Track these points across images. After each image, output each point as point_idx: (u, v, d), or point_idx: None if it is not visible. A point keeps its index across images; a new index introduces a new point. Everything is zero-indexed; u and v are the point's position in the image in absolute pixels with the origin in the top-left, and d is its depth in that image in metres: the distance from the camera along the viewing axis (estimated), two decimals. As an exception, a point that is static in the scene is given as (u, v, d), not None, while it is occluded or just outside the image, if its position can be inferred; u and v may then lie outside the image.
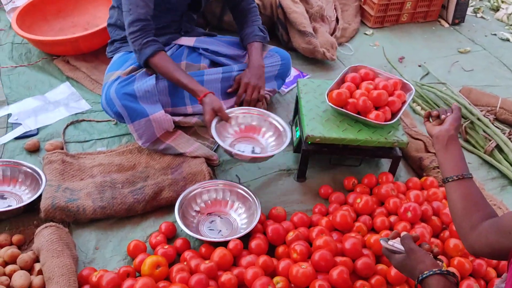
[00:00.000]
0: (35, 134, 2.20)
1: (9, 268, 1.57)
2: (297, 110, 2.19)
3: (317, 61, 2.84)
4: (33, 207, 1.81)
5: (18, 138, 2.17)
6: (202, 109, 1.95)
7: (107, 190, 1.88)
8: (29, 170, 1.92)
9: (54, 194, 1.79)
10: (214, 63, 2.28)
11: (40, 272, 1.57)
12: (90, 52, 2.66)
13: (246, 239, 1.73)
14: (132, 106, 1.96)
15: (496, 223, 1.19)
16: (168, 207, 1.89)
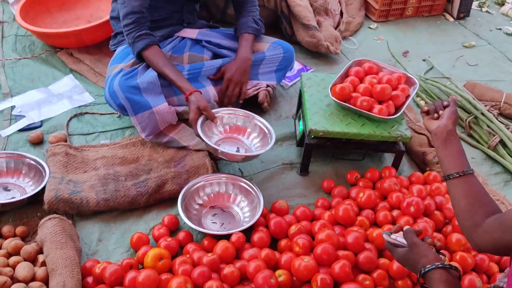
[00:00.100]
0: (39, 127, 2.20)
1: (12, 259, 1.57)
2: (300, 104, 2.19)
3: (320, 55, 2.83)
4: (36, 199, 1.81)
5: (21, 130, 2.17)
6: (188, 107, 1.94)
7: (110, 182, 1.88)
8: (32, 162, 1.93)
9: (58, 186, 1.80)
10: (216, 56, 2.28)
11: (43, 263, 1.57)
12: (94, 44, 2.66)
13: (248, 232, 1.73)
14: (135, 98, 1.96)
15: (499, 220, 1.18)
16: (171, 200, 1.89)
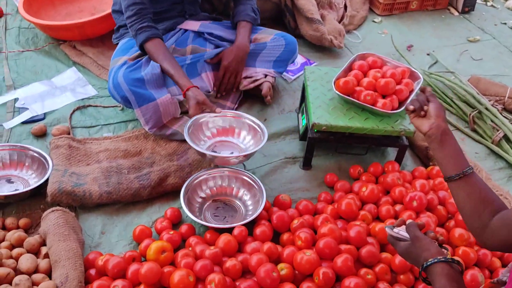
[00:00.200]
0: (42, 119, 2.21)
1: (16, 251, 1.58)
2: (303, 98, 2.18)
3: (324, 48, 2.82)
4: (39, 191, 1.82)
5: (25, 122, 2.18)
6: (187, 103, 1.93)
7: (113, 175, 1.88)
8: (36, 155, 1.93)
9: (61, 179, 1.80)
10: (218, 48, 2.27)
11: (46, 255, 1.58)
12: (97, 37, 2.66)
13: (251, 226, 1.73)
14: (139, 91, 1.95)
15: (504, 218, 1.18)
16: (173, 193, 1.89)
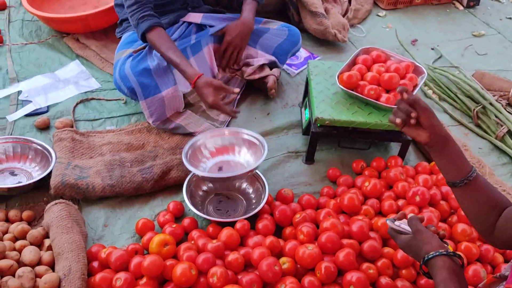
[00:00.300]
0: (45, 112, 2.21)
1: (19, 243, 1.59)
2: (307, 92, 2.17)
3: (328, 42, 2.81)
4: (43, 184, 1.83)
5: (28, 115, 2.18)
6: (200, 94, 1.84)
7: (116, 168, 1.89)
8: (39, 147, 1.94)
9: (64, 172, 1.81)
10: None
11: (49, 247, 1.59)
12: (100, 30, 2.66)
13: (253, 220, 1.73)
14: (146, 82, 1.95)
15: (507, 218, 1.18)
16: (176, 187, 1.89)
